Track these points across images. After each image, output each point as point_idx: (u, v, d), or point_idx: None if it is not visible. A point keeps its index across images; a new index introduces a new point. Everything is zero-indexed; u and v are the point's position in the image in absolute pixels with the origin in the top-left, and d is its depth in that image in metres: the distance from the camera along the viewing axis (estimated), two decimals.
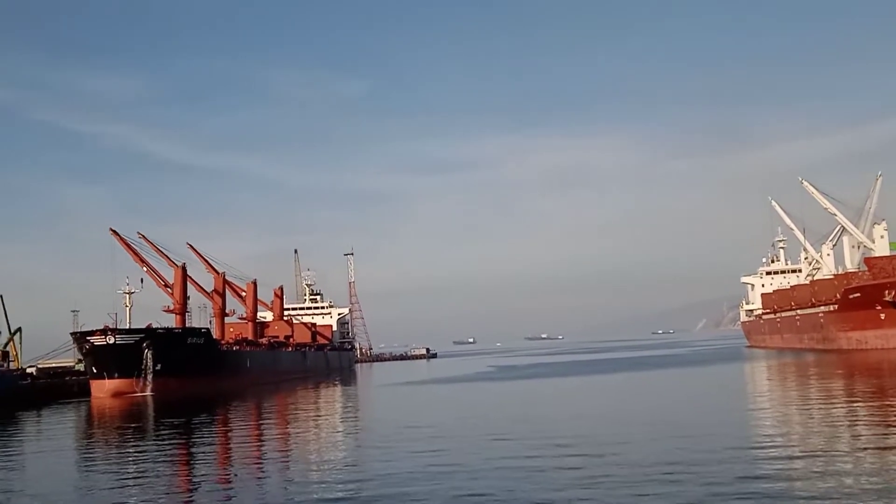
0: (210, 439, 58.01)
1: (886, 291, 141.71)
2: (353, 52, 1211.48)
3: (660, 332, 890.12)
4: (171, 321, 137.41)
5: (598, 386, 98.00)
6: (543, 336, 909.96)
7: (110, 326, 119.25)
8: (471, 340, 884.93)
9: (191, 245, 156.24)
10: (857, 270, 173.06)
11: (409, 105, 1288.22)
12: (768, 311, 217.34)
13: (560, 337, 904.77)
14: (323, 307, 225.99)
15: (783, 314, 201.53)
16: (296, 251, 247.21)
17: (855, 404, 57.18)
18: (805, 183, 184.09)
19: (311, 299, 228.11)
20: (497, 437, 46.93)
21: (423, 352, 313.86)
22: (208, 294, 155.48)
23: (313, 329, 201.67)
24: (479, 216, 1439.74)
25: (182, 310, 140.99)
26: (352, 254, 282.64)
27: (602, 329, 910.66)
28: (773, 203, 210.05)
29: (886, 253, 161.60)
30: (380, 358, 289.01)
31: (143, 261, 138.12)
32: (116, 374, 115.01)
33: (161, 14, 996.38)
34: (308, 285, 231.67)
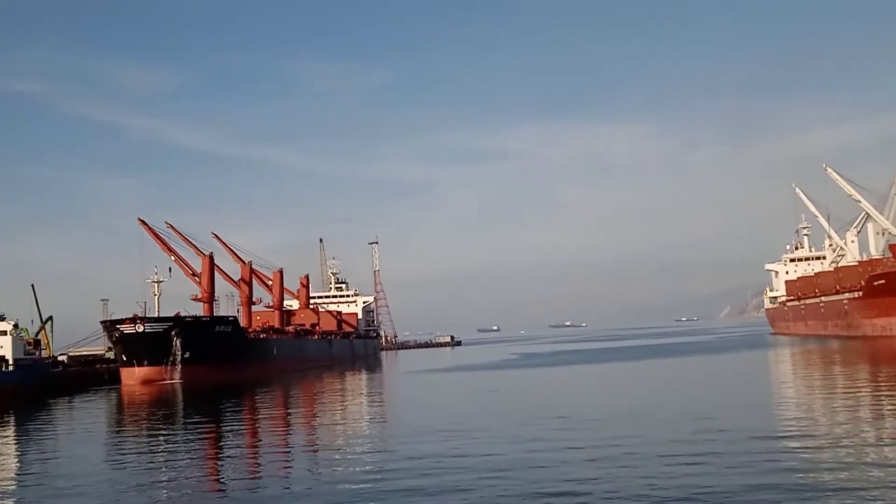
0: (238, 427, 58.40)
1: None
2: (376, 44, 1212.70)
3: (683, 319, 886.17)
4: (198, 310, 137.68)
5: (621, 373, 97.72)
6: (567, 324, 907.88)
7: (139, 315, 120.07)
8: (495, 328, 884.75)
9: (216, 235, 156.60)
10: (881, 257, 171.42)
11: (433, 96, 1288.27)
12: (792, 298, 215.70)
13: (584, 324, 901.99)
14: (348, 295, 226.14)
15: (807, 301, 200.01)
16: (321, 240, 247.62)
17: (880, 392, 56.72)
18: (829, 170, 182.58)
19: (336, 288, 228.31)
20: (522, 424, 46.90)
21: (448, 339, 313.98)
22: (235, 283, 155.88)
23: (339, 317, 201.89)
24: (503, 205, 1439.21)
25: (210, 298, 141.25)
26: (376, 242, 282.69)
27: (625, 316, 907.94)
28: (798, 190, 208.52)
29: None
30: (405, 346, 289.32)
31: (170, 250, 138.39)
32: (146, 362, 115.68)
33: (189, 7, 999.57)
34: (333, 274, 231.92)
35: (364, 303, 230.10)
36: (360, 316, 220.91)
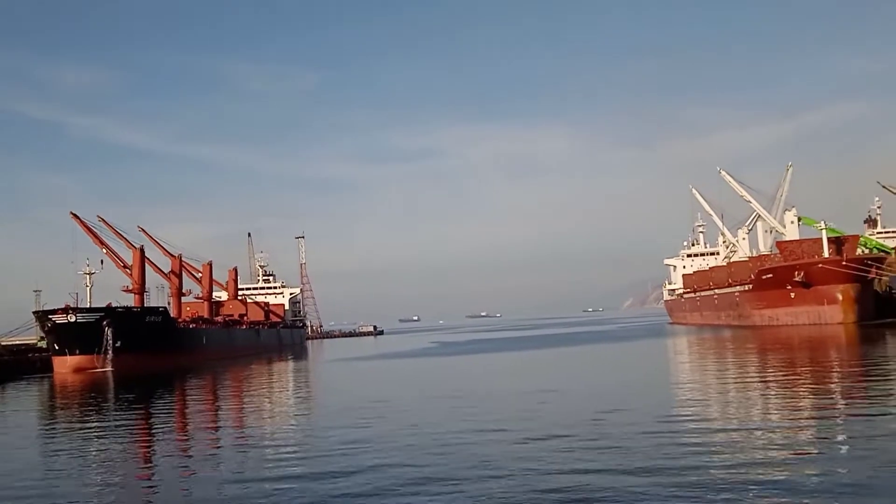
0: (169, 413, 57.66)
1: (796, 272, 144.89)
2: (308, 48, 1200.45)
3: (590, 310, 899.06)
4: (130, 301, 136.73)
5: (531, 360, 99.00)
6: (483, 314, 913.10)
7: (71, 305, 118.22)
8: (415, 318, 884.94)
9: (143, 229, 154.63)
10: (769, 253, 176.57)
11: (362, 98, 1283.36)
12: (689, 290, 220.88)
13: (498, 315, 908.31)
14: (275, 287, 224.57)
15: (702, 293, 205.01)
16: (249, 234, 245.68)
17: (767, 377, 58.67)
18: (723, 172, 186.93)
19: (264, 280, 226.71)
20: (437, 410, 47.35)
21: (371, 329, 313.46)
22: (166, 275, 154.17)
23: (266, 308, 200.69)
24: (426, 202, 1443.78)
25: (140, 290, 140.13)
26: (303, 237, 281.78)
27: (537, 307, 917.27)
28: (694, 191, 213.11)
29: (796, 237, 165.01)
30: (330, 335, 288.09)
31: (102, 243, 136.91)
32: (78, 351, 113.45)
33: (126, 8, 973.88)
34: (261, 266, 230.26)
35: (291, 294, 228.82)
36: (286, 307, 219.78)
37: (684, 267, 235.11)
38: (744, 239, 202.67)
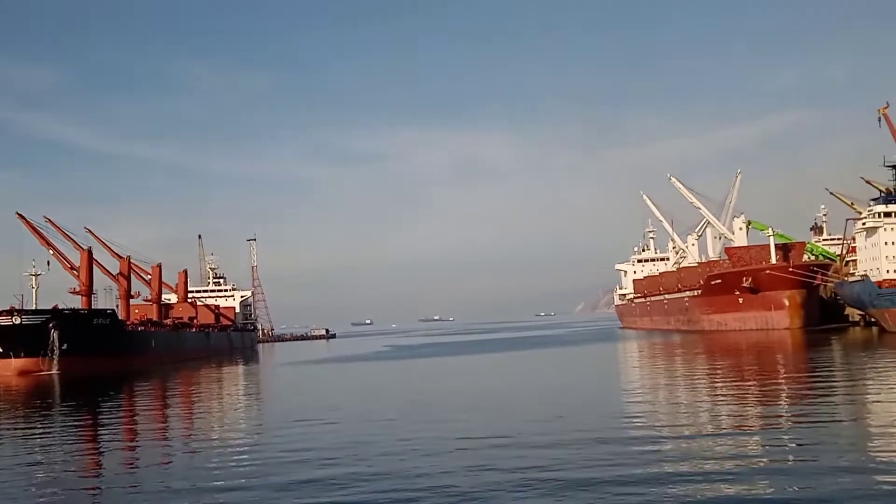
0: (115, 418, 56.54)
1: (744, 278, 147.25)
2: (260, 47, 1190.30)
3: (542, 314, 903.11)
4: (77, 303, 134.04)
5: (482, 365, 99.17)
6: (436, 318, 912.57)
7: (16, 307, 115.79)
8: (368, 322, 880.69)
9: (90, 230, 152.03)
10: (718, 259, 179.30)
11: (315, 99, 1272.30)
12: (639, 295, 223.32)
13: (451, 319, 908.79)
14: (226, 290, 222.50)
15: (652, 298, 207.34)
16: (199, 236, 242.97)
17: (715, 383, 59.39)
18: (673, 179, 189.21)
19: (214, 282, 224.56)
20: (389, 417, 47.15)
21: (323, 332, 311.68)
22: (114, 277, 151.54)
23: (216, 311, 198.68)
24: (381, 205, 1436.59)
25: (88, 292, 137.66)
26: (254, 239, 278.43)
27: (490, 311, 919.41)
28: (645, 197, 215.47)
29: (744, 243, 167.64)
30: (281, 338, 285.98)
31: (49, 244, 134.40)
32: (23, 354, 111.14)
33: (73, 5, 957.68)
34: (212, 269, 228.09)
35: (242, 297, 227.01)
36: (237, 310, 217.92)
37: (635, 272, 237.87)
38: (693, 245, 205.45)
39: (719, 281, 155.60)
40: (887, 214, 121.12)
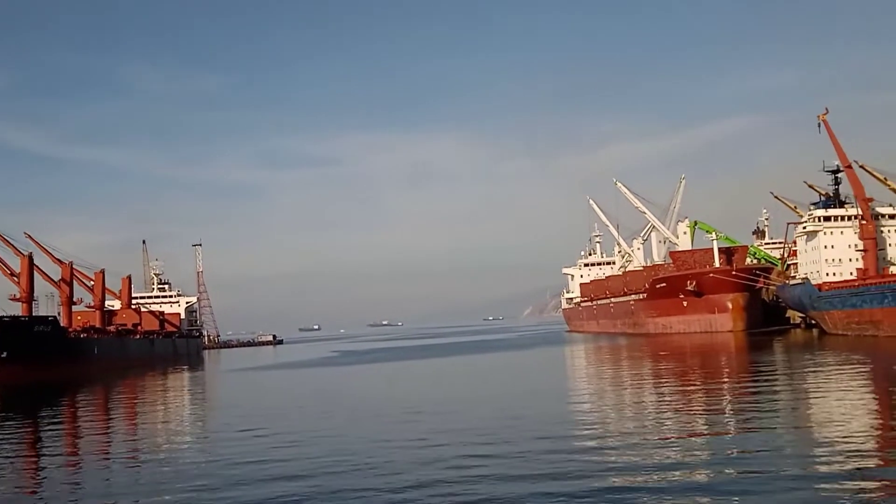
0: (56, 427, 55.37)
1: (688, 281, 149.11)
2: (209, 50, 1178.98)
3: (490, 318, 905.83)
4: (17, 310, 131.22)
5: (429, 370, 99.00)
6: (384, 322, 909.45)
7: None
8: (316, 327, 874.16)
9: (30, 235, 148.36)
10: (663, 263, 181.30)
11: (265, 102, 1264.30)
12: (586, 298, 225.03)
13: (400, 323, 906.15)
14: (171, 296, 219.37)
15: (599, 302, 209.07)
16: (144, 241, 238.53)
17: (659, 387, 60.03)
18: (619, 184, 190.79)
19: (159, 288, 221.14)
20: (338, 425, 46.94)
21: (270, 338, 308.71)
22: (56, 283, 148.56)
23: (161, 317, 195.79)
24: (328, 210, 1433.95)
25: (28, 298, 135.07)
26: (200, 244, 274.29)
27: (439, 315, 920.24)
28: (591, 202, 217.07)
29: (689, 247, 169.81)
30: (227, 345, 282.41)
31: None
32: None
33: (17, 7, 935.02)
34: (156, 275, 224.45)
35: (187, 303, 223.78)
36: (182, 316, 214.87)
37: (581, 276, 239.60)
38: (639, 249, 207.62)
39: (664, 284, 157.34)
40: (826, 218, 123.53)
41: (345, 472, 29.43)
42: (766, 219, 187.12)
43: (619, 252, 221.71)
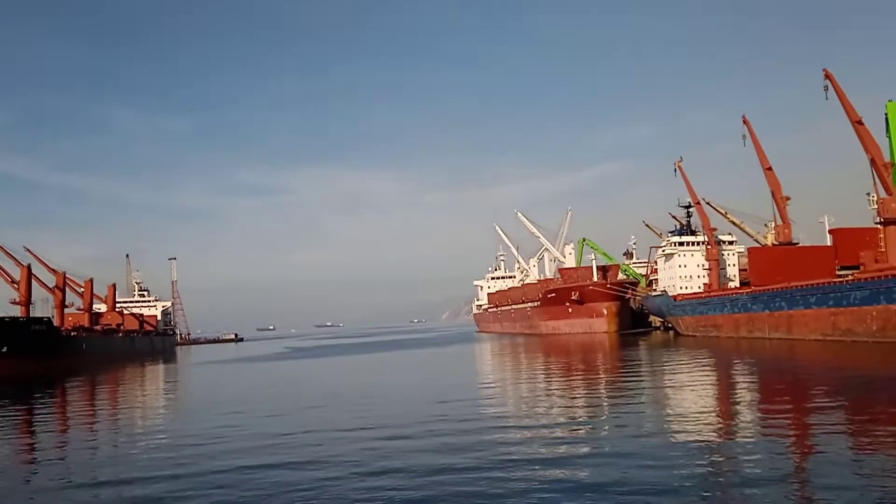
0: (49, 412, 53.49)
1: (573, 292, 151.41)
2: (178, 95, 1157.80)
3: (415, 320, 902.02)
4: (17, 312, 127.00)
5: (367, 363, 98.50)
6: (328, 324, 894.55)
7: None
8: (271, 328, 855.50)
9: (29, 249, 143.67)
10: (553, 277, 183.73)
11: (228, 141, 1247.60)
12: (492, 305, 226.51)
13: (341, 324, 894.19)
14: (149, 301, 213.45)
15: (502, 308, 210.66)
16: (127, 255, 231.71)
17: (550, 374, 60.97)
18: (519, 214, 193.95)
19: (139, 294, 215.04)
20: (285, 411, 46.39)
21: (233, 336, 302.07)
22: (50, 289, 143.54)
23: (141, 318, 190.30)
24: (284, 231, 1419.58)
25: (27, 302, 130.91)
26: (175, 259, 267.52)
27: (374, 318, 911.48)
28: (497, 228, 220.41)
29: (573, 265, 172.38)
30: (196, 342, 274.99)
31: None
32: None
33: (23, 58, 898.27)
34: (137, 283, 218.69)
35: (163, 307, 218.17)
36: (159, 317, 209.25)
37: (489, 287, 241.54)
38: (534, 266, 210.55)
39: (554, 294, 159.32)
40: (680, 244, 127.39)
41: (289, 442, 29.31)
42: (634, 243, 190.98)
43: (519, 268, 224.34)
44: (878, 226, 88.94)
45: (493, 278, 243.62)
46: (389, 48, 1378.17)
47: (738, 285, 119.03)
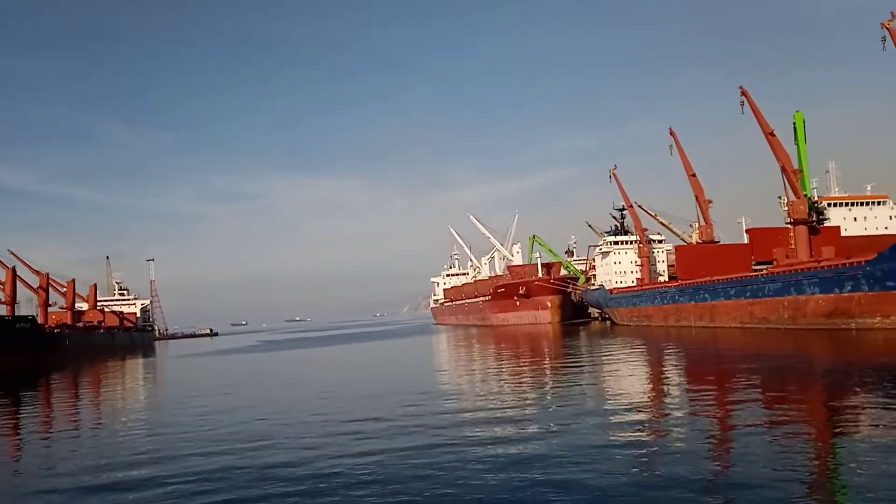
0: (33, 404, 51.94)
1: (520, 287, 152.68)
2: (161, 108, 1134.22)
3: (378, 314, 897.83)
4: (2, 311, 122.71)
5: (334, 354, 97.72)
6: (298, 318, 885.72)
7: None
8: (244, 323, 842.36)
9: (13, 252, 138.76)
10: (502, 274, 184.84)
11: (209, 151, 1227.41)
12: (448, 300, 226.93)
13: (309, 319, 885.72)
14: (129, 299, 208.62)
15: (457, 302, 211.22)
16: (107, 257, 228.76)
17: (500, 361, 61.23)
18: (472, 217, 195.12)
19: (119, 293, 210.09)
20: (260, 399, 45.81)
21: (208, 331, 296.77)
22: (35, 289, 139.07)
23: (121, 315, 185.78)
24: (254, 233, 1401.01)
25: (12, 301, 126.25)
26: (153, 260, 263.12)
27: (339, 312, 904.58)
28: (451, 229, 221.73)
29: (521, 262, 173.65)
30: (174, 336, 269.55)
31: None
32: None
33: (18, 72, 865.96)
34: (117, 283, 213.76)
35: (142, 305, 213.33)
36: (138, 314, 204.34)
37: (445, 283, 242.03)
38: (486, 264, 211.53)
39: (503, 289, 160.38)
40: (616, 243, 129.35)
41: (262, 426, 29.00)
42: (575, 242, 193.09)
43: (472, 266, 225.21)
44: (789, 226, 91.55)
45: (448, 275, 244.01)
46: (363, 64, 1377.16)
47: (666, 280, 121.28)
